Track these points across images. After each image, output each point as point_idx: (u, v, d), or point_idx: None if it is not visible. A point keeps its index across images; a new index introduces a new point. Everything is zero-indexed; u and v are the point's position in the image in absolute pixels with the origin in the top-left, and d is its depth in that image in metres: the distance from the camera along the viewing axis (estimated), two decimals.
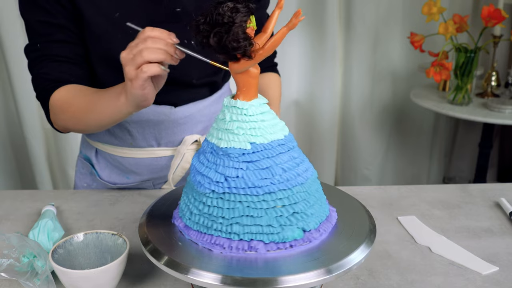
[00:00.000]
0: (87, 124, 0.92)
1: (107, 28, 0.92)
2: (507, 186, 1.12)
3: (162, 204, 0.78)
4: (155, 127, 1.03)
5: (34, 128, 2.12)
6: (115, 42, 0.92)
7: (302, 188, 0.66)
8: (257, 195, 0.63)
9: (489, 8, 1.89)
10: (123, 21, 0.90)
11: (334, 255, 0.63)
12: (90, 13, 0.91)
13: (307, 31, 2.29)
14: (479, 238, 0.91)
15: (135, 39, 0.74)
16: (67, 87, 0.93)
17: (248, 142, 0.64)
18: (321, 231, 0.67)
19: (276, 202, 0.63)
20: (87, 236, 0.76)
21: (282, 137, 0.67)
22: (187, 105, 1.03)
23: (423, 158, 2.62)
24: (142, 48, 0.72)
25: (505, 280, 0.78)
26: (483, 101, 2.10)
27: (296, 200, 0.65)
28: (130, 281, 0.78)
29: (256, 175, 0.63)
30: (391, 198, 1.06)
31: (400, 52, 2.37)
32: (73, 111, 0.91)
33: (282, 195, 0.64)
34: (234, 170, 0.64)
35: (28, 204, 1.05)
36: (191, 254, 0.64)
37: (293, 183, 0.64)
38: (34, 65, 0.95)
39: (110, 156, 1.09)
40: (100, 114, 0.86)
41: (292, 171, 0.65)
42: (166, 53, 0.72)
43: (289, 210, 0.64)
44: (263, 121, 0.66)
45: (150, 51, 0.71)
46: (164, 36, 0.73)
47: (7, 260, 0.78)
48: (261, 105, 0.66)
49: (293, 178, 0.65)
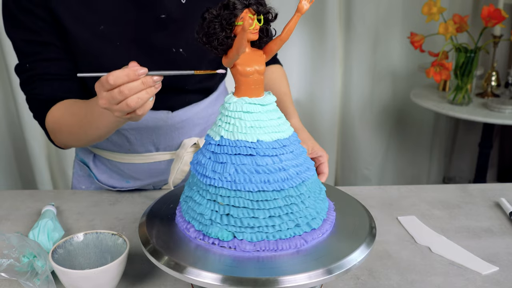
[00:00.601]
0: (86, 139, 0.91)
1: (93, 42, 0.90)
2: (507, 186, 1.12)
3: (162, 204, 0.78)
4: (153, 132, 1.02)
5: (34, 129, 2.12)
6: (103, 55, 0.91)
7: (303, 188, 0.66)
8: (257, 193, 0.63)
9: (489, 8, 1.89)
10: (108, 33, 0.89)
11: (334, 255, 0.63)
12: (74, 29, 0.89)
13: (307, 31, 2.29)
14: (479, 238, 0.91)
15: (107, 91, 0.69)
16: (58, 105, 0.92)
17: (256, 139, 0.64)
18: (321, 231, 0.67)
19: (276, 202, 0.63)
20: (87, 236, 0.76)
21: (287, 137, 0.67)
22: (184, 109, 1.02)
23: (423, 158, 2.62)
24: (123, 101, 0.68)
25: (505, 280, 0.78)
26: (483, 101, 2.10)
27: (297, 200, 0.65)
28: (130, 281, 0.78)
29: (255, 175, 0.63)
30: (391, 198, 1.06)
31: (400, 52, 2.38)
32: (68, 130, 0.90)
33: (283, 195, 0.64)
34: (232, 167, 0.64)
35: (28, 204, 1.05)
36: (191, 254, 0.64)
37: (294, 182, 0.64)
38: (26, 86, 0.94)
39: (109, 162, 1.08)
40: (97, 129, 0.85)
41: (293, 170, 0.65)
42: (148, 90, 0.68)
43: (289, 210, 0.64)
44: (256, 120, 0.65)
45: (134, 101, 0.67)
46: (131, 76, 0.66)
47: (7, 260, 0.78)
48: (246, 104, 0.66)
49: (294, 177, 0.65)
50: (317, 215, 0.68)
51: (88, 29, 0.90)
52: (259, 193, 0.63)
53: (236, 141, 0.64)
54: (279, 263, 0.62)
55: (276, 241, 0.64)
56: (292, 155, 0.67)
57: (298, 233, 0.65)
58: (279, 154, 0.65)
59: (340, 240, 0.67)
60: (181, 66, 0.69)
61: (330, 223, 0.70)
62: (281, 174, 0.64)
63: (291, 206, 0.64)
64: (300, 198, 0.65)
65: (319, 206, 0.69)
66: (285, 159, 0.65)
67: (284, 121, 0.68)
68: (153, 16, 0.92)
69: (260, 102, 0.66)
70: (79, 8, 0.89)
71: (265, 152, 0.64)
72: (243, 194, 0.63)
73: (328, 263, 0.61)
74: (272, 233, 0.64)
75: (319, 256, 0.63)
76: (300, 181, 0.65)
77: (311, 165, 0.70)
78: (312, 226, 0.66)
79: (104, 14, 0.90)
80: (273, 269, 0.60)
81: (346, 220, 0.72)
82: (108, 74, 0.67)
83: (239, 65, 0.65)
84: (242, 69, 0.65)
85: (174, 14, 0.93)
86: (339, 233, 0.69)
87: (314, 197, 0.68)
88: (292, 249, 0.64)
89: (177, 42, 0.95)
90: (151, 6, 0.92)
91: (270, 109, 0.67)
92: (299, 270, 0.59)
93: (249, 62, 0.65)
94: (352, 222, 0.72)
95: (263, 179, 0.63)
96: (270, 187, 0.63)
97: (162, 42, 0.93)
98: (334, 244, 0.66)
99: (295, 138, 0.69)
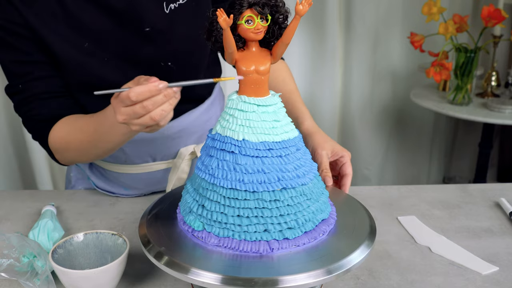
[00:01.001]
0: (96, 154, 0.90)
1: (79, 60, 0.88)
2: (507, 186, 1.11)
3: (162, 204, 0.78)
4: (149, 144, 1.00)
5: None
6: (91, 72, 0.89)
7: (304, 188, 0.65)
8: (230, 190, 0.63)
9: (489, 8, 1.89)
10: (95, 50, 0.88)
11: (334, 255, 0.63)
12: (59, 47, 0.87)
13: (307, 31, 2.29)
14: (479, 238, 0.91)
15: (126, 106, 0.69)
16: (61, 123, 0.90)
17: (242, 138, 0.64)
18: (321, 231, 0.67)
19: (246, 202, 0.63)
20: (87, 236, 0.76)
21: (278, 140, 0.65)
22: (178, 119, 1.00)
23: (423, 158, 2.62)
24: (146, 115, 0.68)
25: (505, 280, 0.78)
26: (483, 101, 2.10)
27: (271, 205, 0.64)
28: (130, 281, 0.78)
29: (232, 172, 0.64)
30: (391, 198, 1.06)
31: (400, 52, 2.38)
32: (76, 147, 0.89)
33: (255, 197, 0.63)
34: (216, 161, 0.65)
35: (28, 204, 1.05)
36: (191, 254, 0.64)
37: (271, 187, 0.63)
38: (21, 107, 0.92)
39: (105, 171, 1.07)
40: (108, 142, 0.85)
41: (274, 175, 0.64)
42: (170, 101, 0.69)
43: (260, 214, 0.63)
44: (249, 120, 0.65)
45: (158, 114, 0.68)
46: (153, 91, 0.67)
47: (7, 260, 0.78)
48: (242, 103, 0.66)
49: (273, 182, 0.64)
50: (317, 215, 0.67)
51: (73, 46, 0.87)
52: (231, 190, 0.63)
53: (225, 137, 0.65)
54: (279, 263, 0.62)
55: (240, 241, 0.64)
56: (280, 159, 0.65)
57: (265, 239, 0.64)
58: (262, 156, 0.64)
59: (340, 240, 0.67)
60: (172, 80, 0.69)
61: (330, 223, 0.70)
62: (258, 176, 0.63)
63: (263, 210, 0.63)
64: (276, 204, 0.63)
65: (319, 207, 0.68)
66: (268, 162, 0.64)
67: (282, 125, 0.66)
68: (137, 30, 0.89)
69: (257, 102, 0.65)
70: (62, 27, 0.87)
71: (247, 152, 0.64)
72: (217, 189, 0.64)
73: (328, 263, 0.61)
74: (238, 232, 0.64)
75: (319, 256, 0.63)
76: (280, 187, 0.64)
77: (305, 174, 0.67)
78: (313, 226, 0.66)
79: (88, 31, 0.88)
80: (273, 269, 0.60)
81: (346, 220, 0.72)
82: (128, 90, 0.67)
83: (239, 63, 0.65)
84: (241, 67, 0.65)
85: (159, 26, 0.90)
86: (339, 233, 0.69)
87: (315, 198, 0.68)
88: (292, 249, 0.64)
89: (164, 55, 0.93)
90: (134, 20, 0.89)
91: (268, 111, 0.66)
92: (299, 270, 0.59)
93: (250, 61, 0.65)
94: (352, 222, 0.72)
95: (238, 178, 0.63)
96: (243, 187, 0.63)
97: (150, 55, 0.92)
98: (334, 244, 0.66)
99: (292, 144, 0.67)
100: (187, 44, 0.94)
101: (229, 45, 0.63)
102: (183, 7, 0.91)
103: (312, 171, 0.69)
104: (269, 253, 0.63)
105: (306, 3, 0.61)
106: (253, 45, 0.66)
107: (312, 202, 0.67)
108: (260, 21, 0.63)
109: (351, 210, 0.75)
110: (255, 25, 0.63)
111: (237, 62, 0.65)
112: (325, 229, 0.68)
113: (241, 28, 0.64)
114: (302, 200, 0.65)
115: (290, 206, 0.64)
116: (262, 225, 0.63)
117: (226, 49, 0.64)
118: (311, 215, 0.66)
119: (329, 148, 0.92)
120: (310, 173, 0.68)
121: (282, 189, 0.64)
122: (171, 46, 0.93)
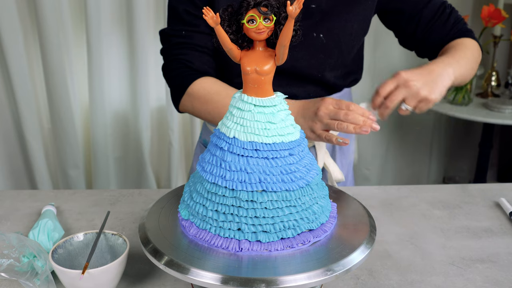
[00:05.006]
0: (216, 114, 0.96)
1: None
2: (507, 186, 1.12)
3: (162, 204, 0.78)
4: None
5: (33, 128, 2.12)
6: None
7: (288, 194, 0.64)
8: (211, 185, 0.64)
9: (489, 8, 1.89)
10: None
11: (334, 255, 0.63)
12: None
13: None
14: (479, 238, 0.91)
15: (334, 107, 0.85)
16: (209, 80, 0.99)
17: (233, 136, 0.65)
18: (322, 231, 0.67)
19: (224, 199, 0.64)
20: (87, 236, 0.76)
21: (269, 142, 0.65)
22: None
23: (423, 158, 2.62)
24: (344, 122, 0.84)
25: (505, 280, 0.78)
26: (483, 101, 2.10)
27: (277, 205, 0.63)
28: (130, 281, 0.78)
29: (217, 168, 0.64)
30: (391, 198, 1.07)
31: (400, 52, 2.37)
32: (214, 106, 0.95)
33: (233, 195, 0.63)
34: (209, 156, 0.66)
35: (28, 204, 1.05)
36: (191, 254, 0.64)
37: (251, 187, 0.63)
38: (176, 50, 1.01)
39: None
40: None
41: (257, 176, 0.63)
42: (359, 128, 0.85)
43: (235, 212, 0.63)
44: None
45: (352, 127, 0.84)
46: (366, 113, 0.86)
47: (7, 260, 0.78)
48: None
49: (254, 183, 0.63)
50: (318, 215, 0.67)
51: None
52: (213, 185, 0.65)
53: (220, 133, 0.67)
54: (279, 263, 0.62)
55: (214, 235, 0.65)
56: (266, 161, 0.64)
57: (237, 237, 0.64)
58: (247, 155, 0.64)
59: (340, 240, 0.67)
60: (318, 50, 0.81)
61: (330, 223, 0.70)
62: (239, 175, 0.63)
63: (239, 209, 0.63)
64: (252, 205, 0.63)
65: (320, 207, 0.68)
66: (252, 163, 0.63)
67: (277, 128, 0.65)
68: (305, 6, 0.97)
69: (254, 102, 0.65)
70: None
71: (234, 149, 0.64)
72: (203, 182, 0.66)
73: (328, 263, 0.61)
74: (215, 227, 0.65)
75: (319, 256, 0.63)
76: (261, 188, 0.63)
77: (293, 180, 0.65)
78: (313, 226, 0.66)
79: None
80: (273, 269, 0.60)
81: (346, 220, 0.72)
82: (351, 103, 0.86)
83: (242, 61, 0.66)
84: (242, 66, 0.66)
85: (324, 6, 1.00)
86: (339, 233, 0.69)
87: (315, 198, 0.67)
88: (292, 249, 0.64)
89: (318, 28, 1.01)
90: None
91: (265, 112, 0.65)
92: (299, 270, 0.59)
93: (251, 61, 0.65)
94: (352, 222, 0.72)
95: (221, 173, 0.64)
96: (224, 183, 0.63)
97: (305, 27, 0.97)
98: (334, 244, 0.66)
99: (285, 148, 0.65)
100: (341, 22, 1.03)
101: (223, 42, 0.64)
102: None
103: (305, 178, 0.66)
104: (238, 252, 0.64)
105: (297, 5, 0.61)
106: (259, 45, 0.66)
107: (297, 210, 0.65)
108: (263, 21, 0.63)
109: (351, 210, 0.75)
110: (257, 25, 0.63)
111: (241, 60, 0.66)
112: (326, 229, 0.68)
113: (245, 28, 0.64)
114: (283, 205, 0.64)
115: (268, 209, 0.63)
116: (236, 223, 0.64)
117: (223, 47, 0.65)
118: (293, 223, 0.65)
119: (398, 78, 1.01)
120: (301, 180, 0.66)
121: (262, 191, 0.63)
122: (326, 23, 1.01)
